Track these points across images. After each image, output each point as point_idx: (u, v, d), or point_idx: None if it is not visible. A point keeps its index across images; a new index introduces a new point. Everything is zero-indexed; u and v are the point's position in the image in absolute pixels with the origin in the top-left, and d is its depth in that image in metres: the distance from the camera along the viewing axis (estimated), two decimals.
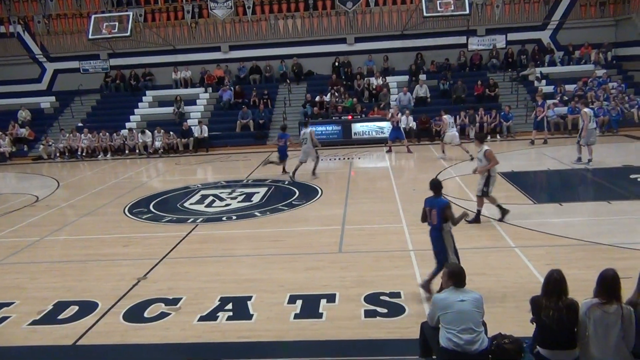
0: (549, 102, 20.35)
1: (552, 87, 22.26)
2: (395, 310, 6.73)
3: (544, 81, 23.07)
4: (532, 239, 9.08)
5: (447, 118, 16.97)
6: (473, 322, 4.69)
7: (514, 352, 4.67)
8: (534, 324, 4.72)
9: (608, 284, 4.43)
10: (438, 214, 6.76)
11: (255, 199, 13.27)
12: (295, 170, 15.17)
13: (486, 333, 4.83)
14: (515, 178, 13.39)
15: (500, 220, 9.90)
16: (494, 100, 22.30)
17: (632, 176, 13.16)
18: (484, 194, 9.82)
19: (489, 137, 20.35)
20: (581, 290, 4.84)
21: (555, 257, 8.03)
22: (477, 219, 9.85)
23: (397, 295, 7.11)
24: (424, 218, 7.05)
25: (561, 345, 4.56)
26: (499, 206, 9.95)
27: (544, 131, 19.00)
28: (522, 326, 5.15)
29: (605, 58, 23.82)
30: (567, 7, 24.67)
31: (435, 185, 7.04)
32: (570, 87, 21.96)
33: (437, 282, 6.41)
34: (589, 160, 14.57)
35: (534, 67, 23.54)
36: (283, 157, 15.91)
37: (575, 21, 24.60)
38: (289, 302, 7.12)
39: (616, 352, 4.36)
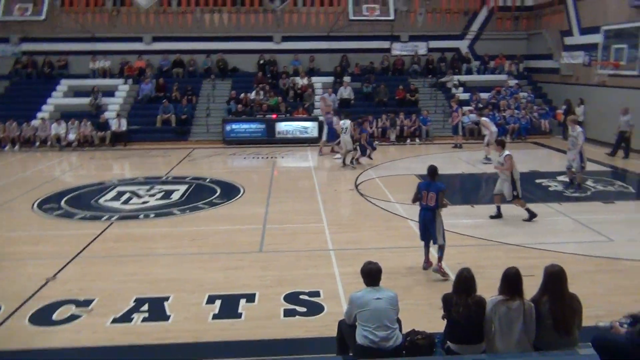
0: (465, 108, 21.31)
1: (468, 94, 23.34)
2: (314, 309, 6.82)
3: (461, 88, 24.08)
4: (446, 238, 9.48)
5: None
6: (388, 319, 4.84)
7: (426, 347, 4.86)
8: (445, 320, 4.94)
9: (510, 281, 4.74)
10: (437, 196, 7.60)
11: (175, 196, 12.95)
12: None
13: (401, 330, 5.00)
14: None
15: (527, 220, 10.38)
16: (414, 104, 23.01)
17: (537, 181, 14.07)
18: (514, 197, 10.34)
19: (415, 140, 21.10)
20: (489, 287, 5.11)
21: (465, 256, 8.43)
22: (532, 215, 10.43)
23: (316, 294, 7.22)
24: (416, 199, 7.91)
25: (469, 340, 4.82)
26: (528, 209, 10.47)
27: (459, 136, 19.88)
28: (434, 322, 5.37)
29: (517, 69, 25.27)
30: (484, 19, 25.93)
31: (433, 171, 7.89)
32: (484, 95, 23.11)
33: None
34: (486, 157, 16.58)
35: (452, 75, 24.57)
36: (363, 151, 16.49)
37: (492, 33, 25.89)
38: (207, 302, 7.03)
39: (519, 345, 4.65)
